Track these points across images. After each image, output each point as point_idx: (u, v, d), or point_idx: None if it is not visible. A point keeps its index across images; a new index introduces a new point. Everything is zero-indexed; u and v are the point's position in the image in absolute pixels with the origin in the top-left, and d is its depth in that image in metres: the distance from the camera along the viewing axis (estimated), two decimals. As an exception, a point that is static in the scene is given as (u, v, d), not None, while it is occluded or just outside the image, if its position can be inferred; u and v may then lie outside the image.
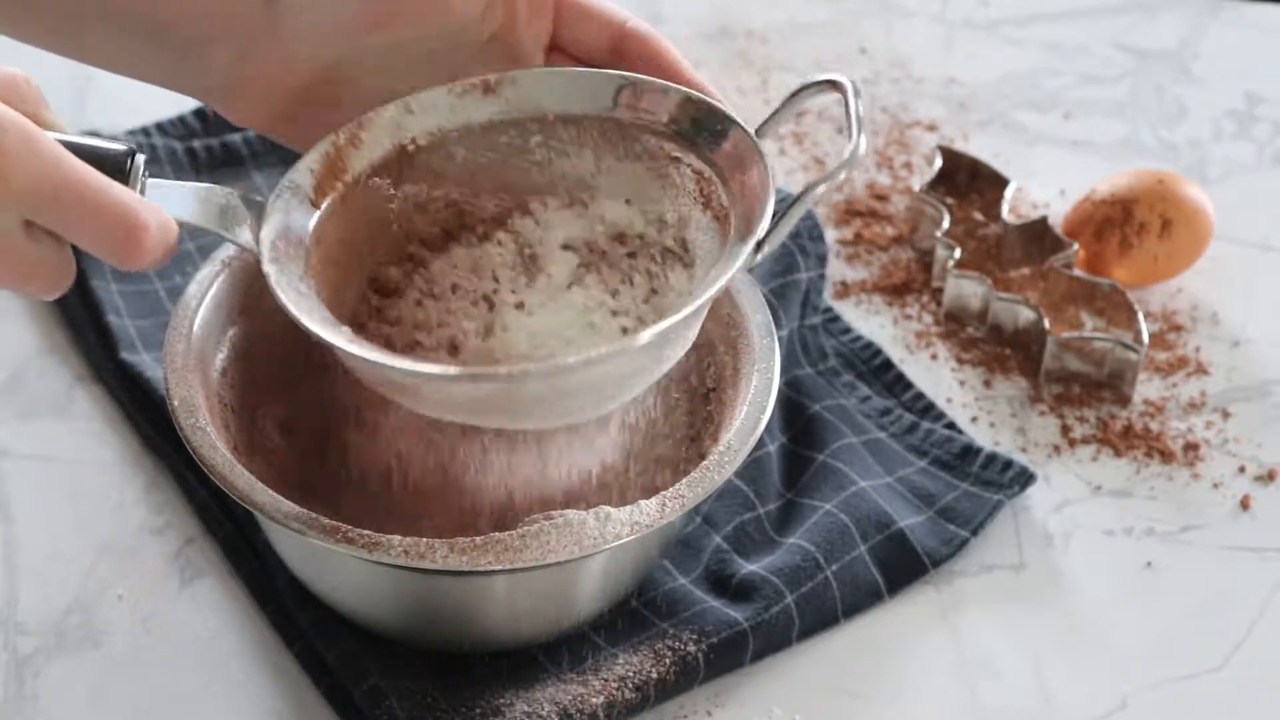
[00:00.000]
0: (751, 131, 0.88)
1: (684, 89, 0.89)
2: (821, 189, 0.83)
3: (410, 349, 0.90)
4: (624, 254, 0.91)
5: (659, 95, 0.89)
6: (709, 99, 0.88)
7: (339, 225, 0.88)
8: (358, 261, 0.90)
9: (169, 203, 0.81)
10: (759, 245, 0.83)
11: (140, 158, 0.80)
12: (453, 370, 0.82)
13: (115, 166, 0.79)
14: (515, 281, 0.92)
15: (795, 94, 0.89)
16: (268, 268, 0.83)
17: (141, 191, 0.80)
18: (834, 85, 0.88)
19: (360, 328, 0.89)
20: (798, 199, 0.84)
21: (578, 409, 0.85)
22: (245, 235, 0.84)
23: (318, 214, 0.87)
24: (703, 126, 0.88)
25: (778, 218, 0.84)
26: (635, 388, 0.86)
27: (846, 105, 0.86)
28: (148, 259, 0.77)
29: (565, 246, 0.92)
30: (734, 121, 0.88)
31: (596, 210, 0.91)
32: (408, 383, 0.83)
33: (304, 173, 0.88)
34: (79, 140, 0.78)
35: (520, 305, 0.91)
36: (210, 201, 0.84)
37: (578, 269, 0.91)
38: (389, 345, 0.89)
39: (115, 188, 0.76)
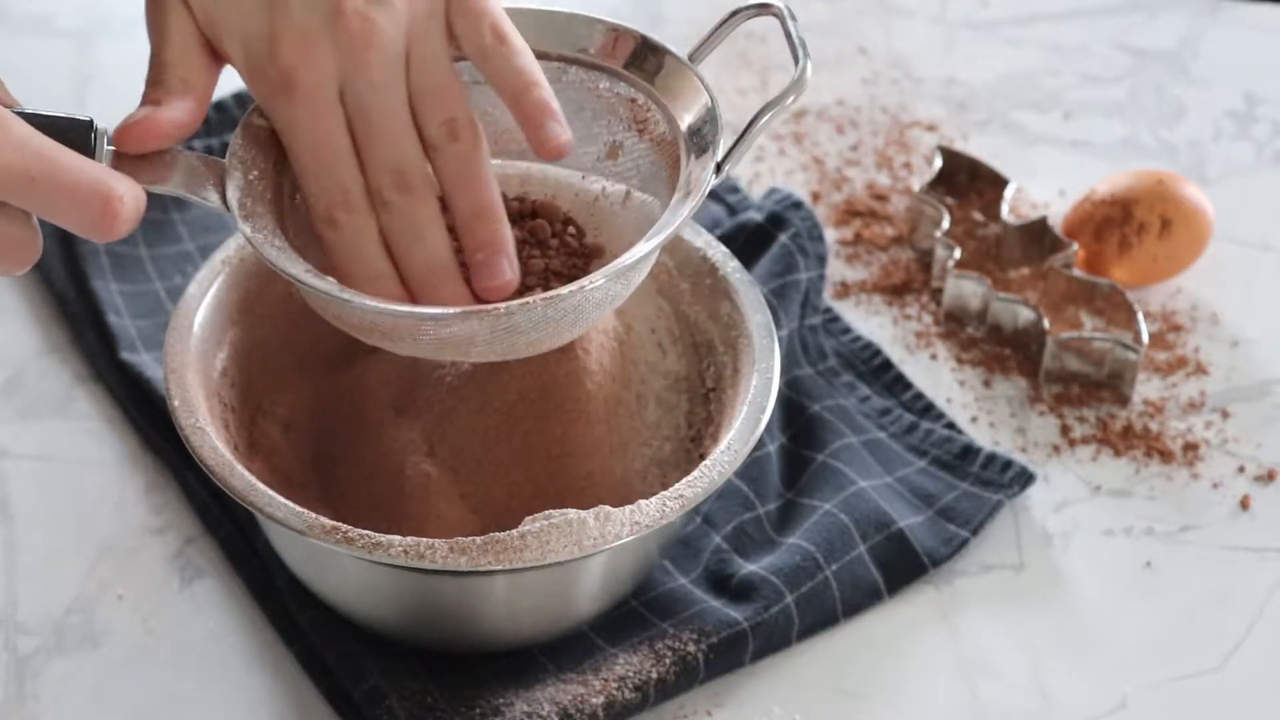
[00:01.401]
0: (685, 56, 0.89)
1: (611, 20, 0.90)
2: (771, 114, 0.86)
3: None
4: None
5: (584, 27, 0.90)
6: (635, 30, 0.90)
7: (292, 172, 0.88)
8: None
9: (133, 169, 0.81)
10: (719, 166, 0.85)
11: (101, 126, 0.80)
12: (452, 311, 0.83)
13: (79, 137, 0.79)
14: None
15: (728, 18, 0.91)
16: (243, 227, 0.84)
17: (104, 159, 0.80)
18: (767, 8, 0.89)
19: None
20: (751, 124, 0.86)
21: (560, 333, 0.86)
22: (212, 195, 0.84)
23: (273, 164, 0.87)
24: (632, 55, 0.90)
25: (735, 142, 0.85)
26: (613, 306, 0.87)
27: (785, 28, 0.88)
28: (124, 230, 0.77)
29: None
30: (664, 49, 0.89)
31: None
32: (400, 325, 0.83)
33: (254, 123, 0.87)
34: (39, 113, 0.78)
35: None
36: (172, 164, 0.84)
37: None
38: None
39: (87, 163, 0.77)
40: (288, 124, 0.84)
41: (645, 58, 0.90)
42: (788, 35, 0.88)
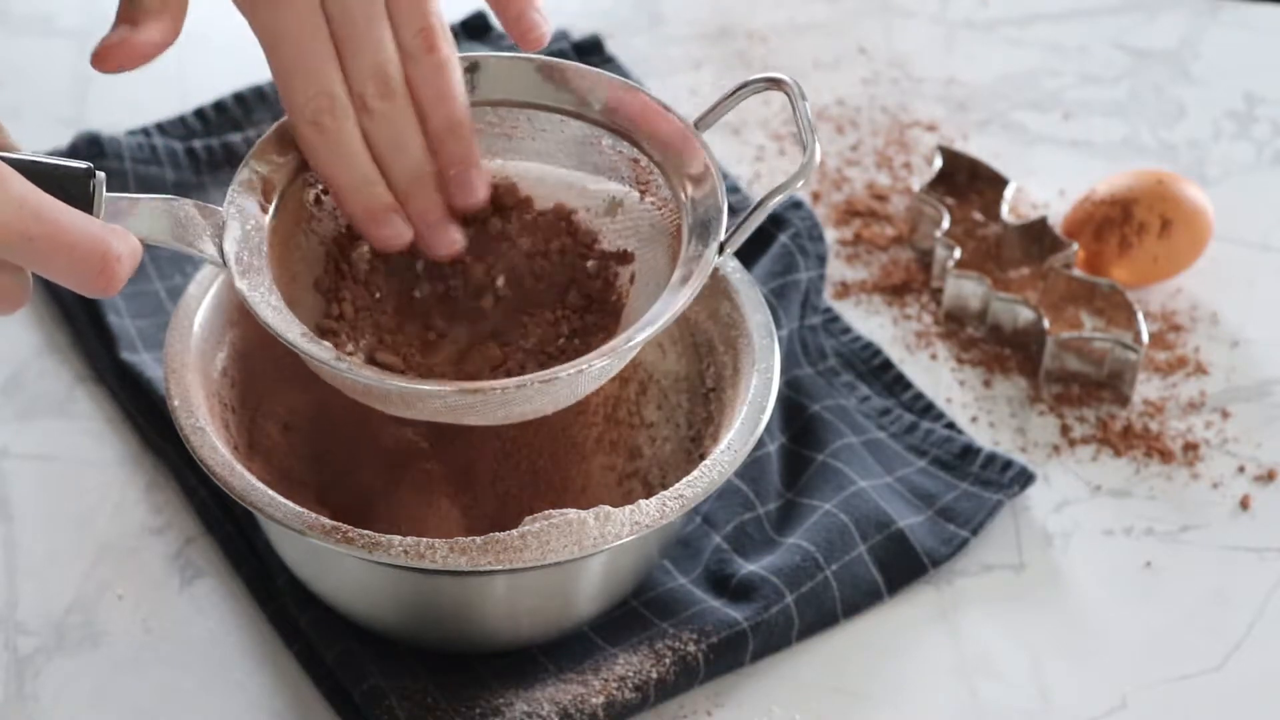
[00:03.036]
0: (690, 123, 0.89)
1: (621, 79, 0.90)
2: (779, 198, 0.85)
3: (374, 346, 0.90)
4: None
5: (592, 82, 0.89)
6: (646, 90, 0.89)
7: (286, 226, 0.88)
8: (304, 262, 0.89)
9: (128, 219, 0.81)
10: (721, 247, 0.85)
11: (100, 175, 0.79)
12: (448, 388, 0.83)
13: (78, 188, 0.78)
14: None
15: (736, 90, 0.90)
16: (239, 284, 0.84)
17: (101, 208, 0.79)
18: (776, 84, 0.88)
19: (322, 331, 0.89)
20: (757, 207, 0.85)
21: (555, 404, 0.86)
22: (209, 248, 0.84)
23: (268, 217, 0.87)
24: (641, 116, 0.89)
25: (738, 222, 0.85)
26: (607, 377, 0.87)
27: (793, 106, 0.87)
28: (119, 288, 0.77)
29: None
30: (672, 113, 0.89)
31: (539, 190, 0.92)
32: (393, 395, 0.84)
33: (250, 172, 0.87)
34: (38, 160, 0.77)
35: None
36: (170, 215, 0.83)
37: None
38: (346, 343, 0.89)
39: (86, 222, 0.76)
40: (272, 29, 0.84)
41: (653, 120, 0.89)
42: (796, 116, 0.86)
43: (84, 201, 0.78)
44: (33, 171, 0.76)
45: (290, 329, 0.83)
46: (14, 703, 0.92)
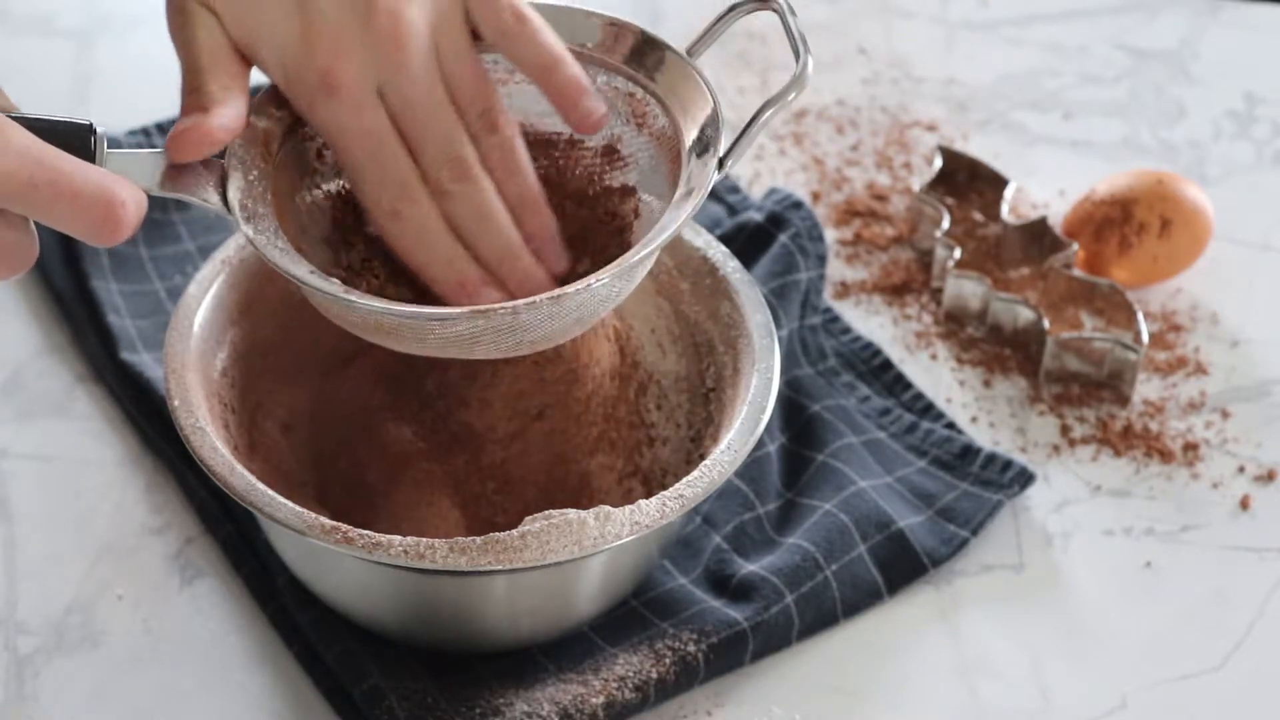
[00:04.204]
0: (683, 51, 0.89)
1: (608, 14, 0.90)
2: (773, 110, 0.85)
3: (383, 282, 0.90)
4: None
5: (582, 21, 0.90)
6: (634, 24, 0.90)
7: (288, 178, 0.88)
8: (308, 215, 0.89)
9: (132, 172, 0.81)
10: (721, 163, 0.85)
11: (101, 130, 0.79)
12: (458, 311, 0.83)
13: (79, 142, 0.78)
14: None
15: (726, 13, 0.91)
16: (245, 229, 0.84)
17: (104, 162, 0.79)
18: (767, 3, 0.89)
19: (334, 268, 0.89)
20: (753, 120, 0.86)
21: (563, 331, 0.86)
22: (213, 197, 0.84)
23: (271, 166, 0.87)
24: (632, 50, 0.90)
25: (736, 137, 0.86)
26: (615, 303, 0.87)
27: (785, 24, 0.88)
28: (126, 234, 0.77)
29: None
30: (664, 44, 0.89)
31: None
32: (404, 325, 0.83)
33: (250, 125, 0.87)
34: (39, 117, 0.78)
35: None
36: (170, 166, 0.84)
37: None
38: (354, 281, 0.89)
39: (89, 169, 0.76)
40: (334, 126, 0.85)
41: (644, 53, 0.90)
42: (788, 31, 0.88)
43: (86, 156, 0.78)
44: (35, 128, 0.77)
45: (298, 267, 0.83)
46: (14, 703, 0.92)
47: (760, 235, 1.10)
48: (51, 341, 1.08)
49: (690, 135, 0.87)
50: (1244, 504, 1.03)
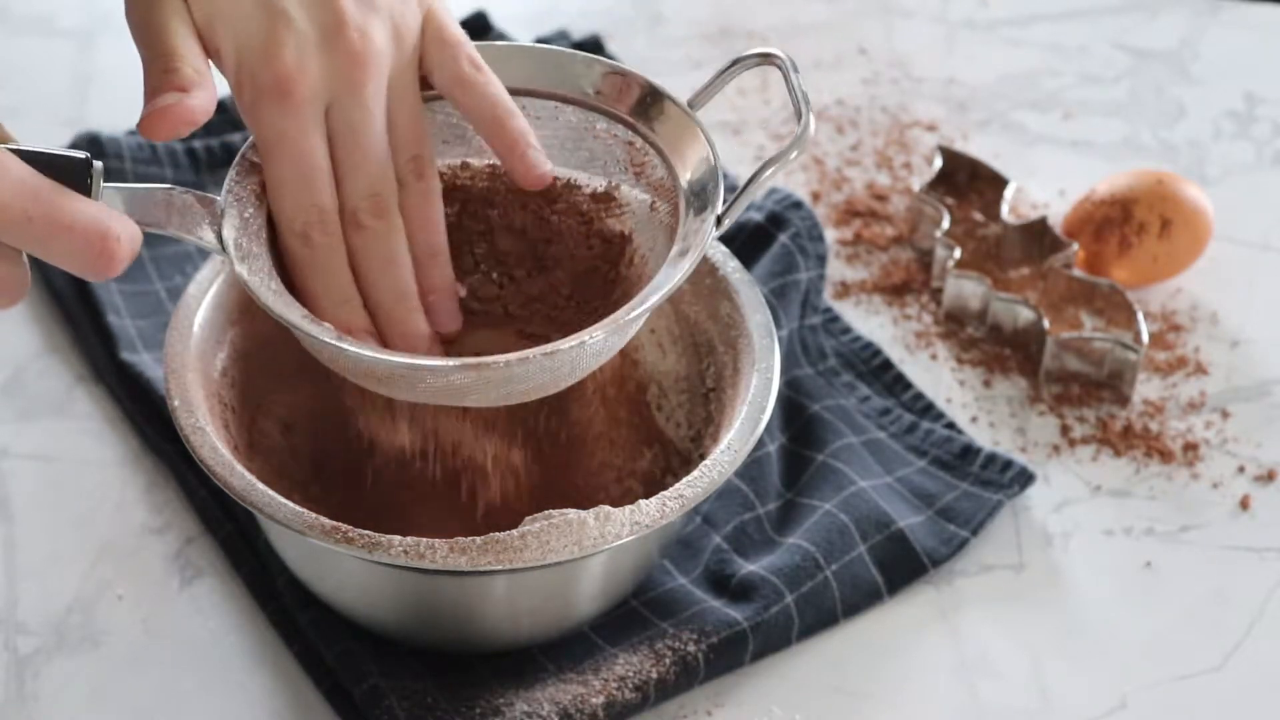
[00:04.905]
0: (685, 103, 0.89)
1: (610, 62, 0.90)
2: (772, 170, 0.85)
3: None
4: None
5: (583, 67, 0.90)
6: (638, 75, 0.89)
7: None
8: None
9: (127, 208, 0.81)
10: (719, 220, 0.85)
11: (98, 165, 0.79)
12: (451, 363, 0.83)
13: (77, 176, 0.78)
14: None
15: (729, 67, 0.90)
16: (239, 270, 0.84)
17: (100, 198, 0.79)
18: (768, 59, 0.89)
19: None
20: (753, 179, 0.85)
21: (555, 383, 0.86)
22: (208, 235, 0.84)
23: (266, 206, 0.87)
24: (633, 99, 0.89)
25: (735, 195, 0.85)
26: (610, 352, 0.87)
27: (787, 81, 0.87)
28: (119, 270, 0.77)
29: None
30: (665, 94, 0.89)
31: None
32: (396, 374, 0.84)
33: (247, 162, 0.87)
34: (37, 150, 0.78)
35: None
36: (168, 204, 0.83)
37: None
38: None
39: (85, 203, 0.76)
40: (272, 133, 0.84)
41: (646, 103, 0.89)
42: (790, 89, 0.87)
43: (82, 190, 0.78)
44: (32, 161, 0.76)
45: (291, 311, 0.84)
46: (14, 703, 0.92)
47: (760, 235, 1.10)
48: (51, 341, 1.08)
49: (688, 189, 0.87)
50: (1244, 504, 1.03)
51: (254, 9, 0.83)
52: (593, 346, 0.84)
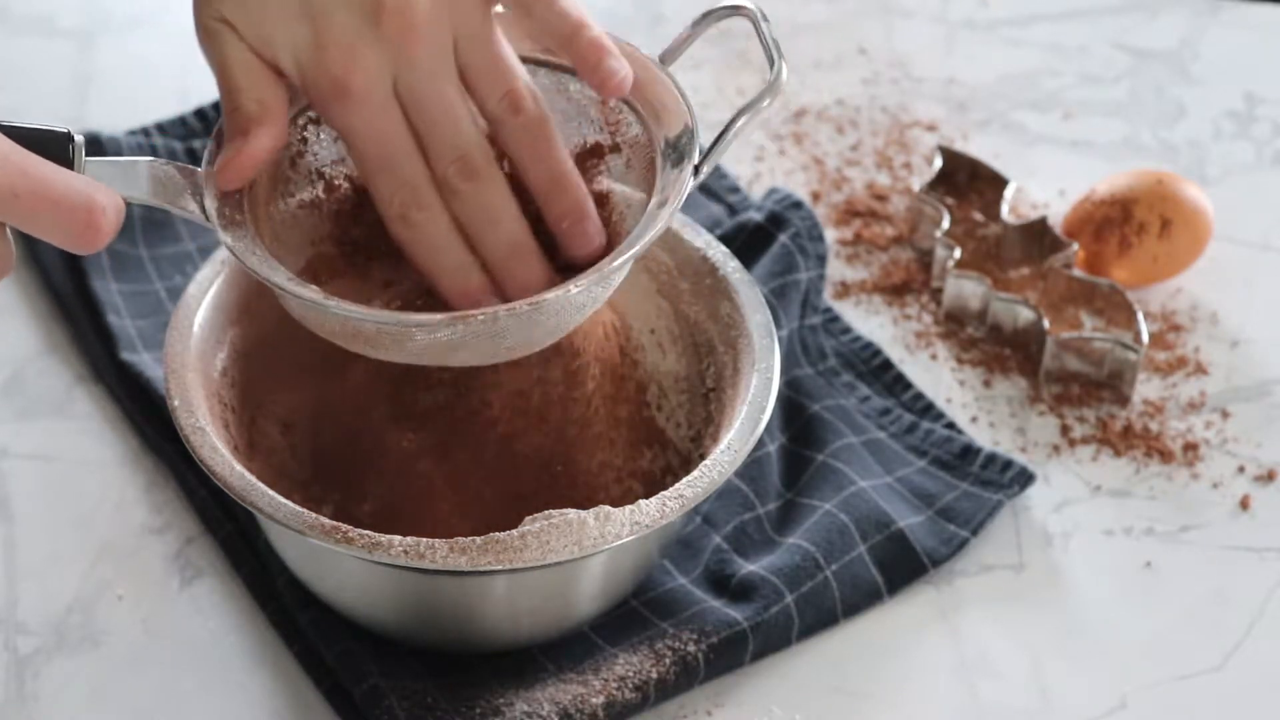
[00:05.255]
0: (655, 59, 0.89)
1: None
2: (745, 117, 0.86)
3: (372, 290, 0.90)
4: None
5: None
6: (605, 32, 0.89)
7: (264, 187, 0.88)
8: (284, 224, 0.90)
9: (109, 180, 0.81)
10: (696, 169, 0.86)
11: (79, 138, 0.79)
12: (437, 317, 0.83)
13: (58, 150, 0.78)
14: None
15: (699, 20, 0.91)
16: (224, 236, 0.84)
17: (83, 170, 0.80)
18: (738, 10, 0.89)
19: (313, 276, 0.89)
20: (728, 127, 0.86)
21: (541, 338, 0.86)
22: (191, 205, 0.84)
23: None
24: None
25: (711, 145, 0.86)
26: (593, 309, 0.88)
27: (758, 31, 0.88)
28: (105, 241, 0.77)
29: None
30: (636, 50, 0.89)
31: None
32: (383, 331, 0.84)
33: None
34: (18, 125, 0.78)
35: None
36: (150, 175, 0.84)
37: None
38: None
39: (70, 176, 0.76)
40: (346, 129, 0.85)
41: None
42: (761, 38, 0.88)
43: (64, 164, 0.78)
44: (14, 135, 0.77)
45: (276, 273, 0.84)
46: (14, 703, 0.92)
47: (760, 235, 1.10)
48: (51, 341, 1.08)
49: (664, 142, 0.87)
50: (1244, 504, 1.03)
51: (297, 18, 0.83)
52: (577, 297, 0.84)
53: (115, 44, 1.27)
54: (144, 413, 1.03)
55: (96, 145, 1.13)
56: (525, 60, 0.89)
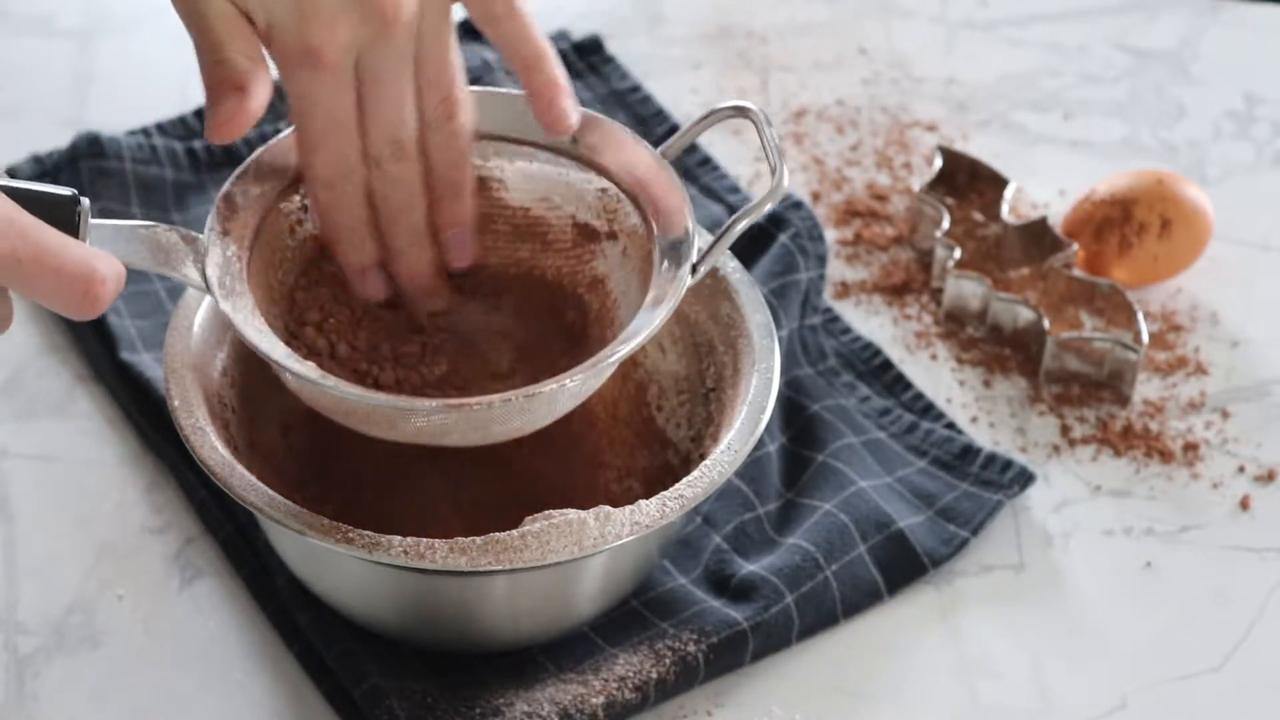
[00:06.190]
0: (657, 152, 0.90)
1: (586, 111, 0.91)
2: (745, 222, 0.87)
3: (358, 367, 0.91)
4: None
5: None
6: (610, 121, 0.91)
7: (263, 254, 0.89)
8: (279, 282, 0.90)
9: (112, 245, 0.82)
10: (694, 269, 0.87)
11: (84, 202, 0.79)
12: (431, 404, 0.84)
13: (64, 214, 0.78)
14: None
15: (702, 119, 0.91)
16: (224, 307, 0.85)
17: (86, 235, 0.79)
18: (743, 112, 0.90)
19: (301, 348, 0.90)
20: (725, 230, 0.87)
21: (533, 423, 0.87)
22: (192, 273, 0.85)
23: (247, 245, 0.88)
24: (607, 146, 0.91)
25: (710, 246, 0.87)
26: (586, 394, 0.88)
27: (760, 134, 0.89)
28: (102, 310, 0.77)
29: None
30: (640, 143, 0.90)
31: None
32: (377, 413, 0.84)
33: (228, 201, 0.88)
34: (24, 186, 0.78)
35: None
36: (152, 241, 0.84)
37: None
38: (328, 364, 0.90)
39: (71, 245, 0.76)
40: (302, 95, 0.85)
41: (620, 150, 0.91)
42: (763, 141, 0.89)
43: (69, 228, 0.78)
44: (18, 197, 0.76)
45: (275, 349, 0.85)
46: (14, 703, 0.92)
47: (760, 235, 1.10)
48: (51, 341, 1.08)
49: (664, 243, 0.88)
50: (1244, 504, 1.03)
51: None
52: (571, 389, 0.85)
53: (115, 44, 1.27)
54: (144, 413, 1.03)
55: (96, 145, 1.13)
56: (526, 143, 0.91)
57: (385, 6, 0.83)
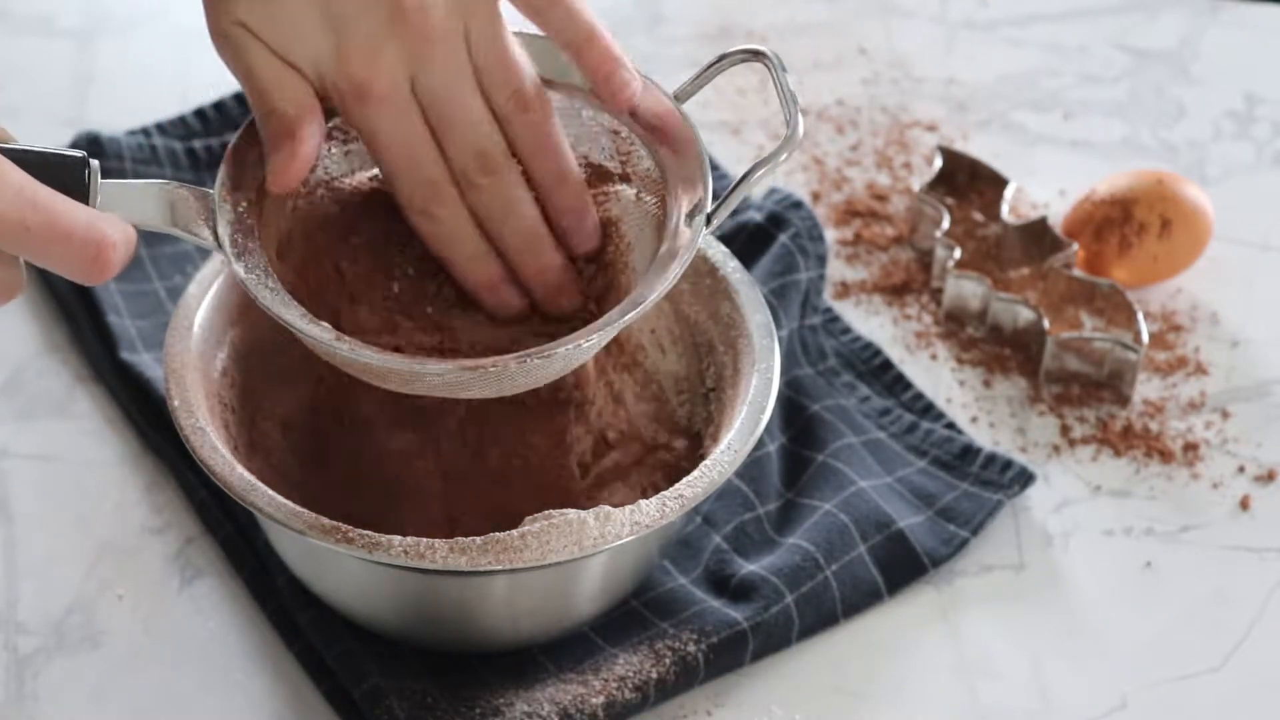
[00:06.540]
0: (671, 95, 0.89)
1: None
2: (761, 172, 0.86)
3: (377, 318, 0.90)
4: None
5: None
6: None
7: (274, 210, 0.88)
8: (304, 239, 0.90)
9: (123, 206, 0.82)
10: (708, 219, 0.86)
11: (95, 164, 0.79)
12: (447, 365, 0.84)
13: (74, 177, 0.78)
14: None
15: (716, 61, 0.90)
16: (236, 267, 0.84)
17: (97, 197, 0.80)
18: (756, 55, 0.89)
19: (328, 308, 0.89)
20: (742, 180, 0.86)
21: (547, 376, 0.87)
22: (204, 232, 0.85)
23: (256, 199, 0.87)
24: None
25: (724, 195, 0.86)
26: (595, 351, 0.88)
27: (775, 81, 0.88)
28: (114, 274, 0.77)
29: None
30: (654, 85, 0.89)
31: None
32: (393, 371, 0.84)
33: (239, 156, 0.87)
34: (34, 150, 0.78)
35: None
36: (162, 199, 0.84)
37: None
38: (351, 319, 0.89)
39: (81, 210, 0.76)
40: (369, 131, 0.86)
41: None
42: (778, 88, 0.88)
43: (79, 190, 0.78)
44: (29, 162, 0.77)
45: (289, 310, 0.84)
46: (14, 703, 0.92)
47: (760, 235, 1.10)
48: (51, 341, 1.08)
49: (676, 185, 0.87)
50: (1244, 504, 1.03)
51: (317, 24, 0.84)
52: (587, 348, 0.85)
53: (115, 44, 1.27)
54: (144, 413, 1.03)
55: (96, 145, 1.13)
56: (542, 80, 0.90)
57: (421, 25, 0.84)
